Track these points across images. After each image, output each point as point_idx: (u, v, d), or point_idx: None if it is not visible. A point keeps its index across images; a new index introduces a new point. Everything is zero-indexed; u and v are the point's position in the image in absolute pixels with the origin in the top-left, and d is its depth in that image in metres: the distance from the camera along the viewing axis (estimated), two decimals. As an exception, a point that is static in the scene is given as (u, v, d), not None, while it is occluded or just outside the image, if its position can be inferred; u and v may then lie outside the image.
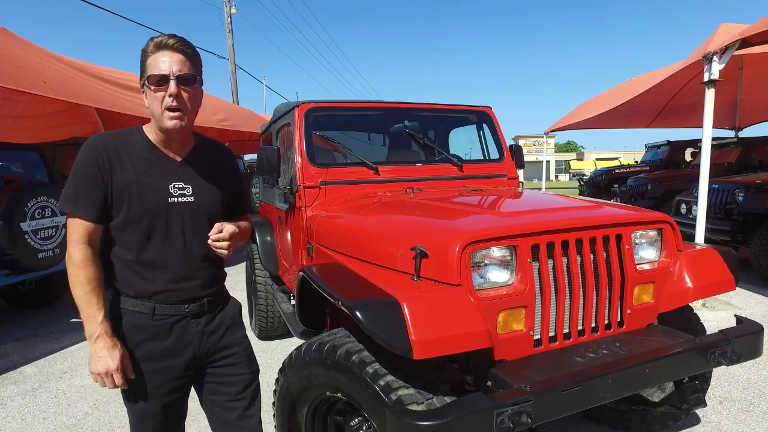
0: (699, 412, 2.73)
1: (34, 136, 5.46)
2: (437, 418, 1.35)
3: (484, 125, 3.48)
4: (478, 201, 2.48)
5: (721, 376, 3.21)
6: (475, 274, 1.67)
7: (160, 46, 1.37)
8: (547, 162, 14.60)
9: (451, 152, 3.34)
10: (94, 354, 1.38)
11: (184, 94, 1.40)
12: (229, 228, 1.49)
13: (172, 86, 1.36)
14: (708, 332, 2.14)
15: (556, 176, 55.21)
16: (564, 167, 57.55)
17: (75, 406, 3.16)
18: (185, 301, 1.51)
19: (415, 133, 3.27)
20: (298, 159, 2.83)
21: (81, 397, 3.29)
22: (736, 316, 2.07)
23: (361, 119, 3.45)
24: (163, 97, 1.37)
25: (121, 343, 1.42)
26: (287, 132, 3.21)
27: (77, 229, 1.41)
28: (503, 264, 1.72)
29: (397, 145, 3.47)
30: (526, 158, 3.72)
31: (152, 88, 1.37)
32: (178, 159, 1.51)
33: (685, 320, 2.25)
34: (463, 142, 3.61)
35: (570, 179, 46.75)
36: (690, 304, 2.15)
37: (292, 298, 3.50)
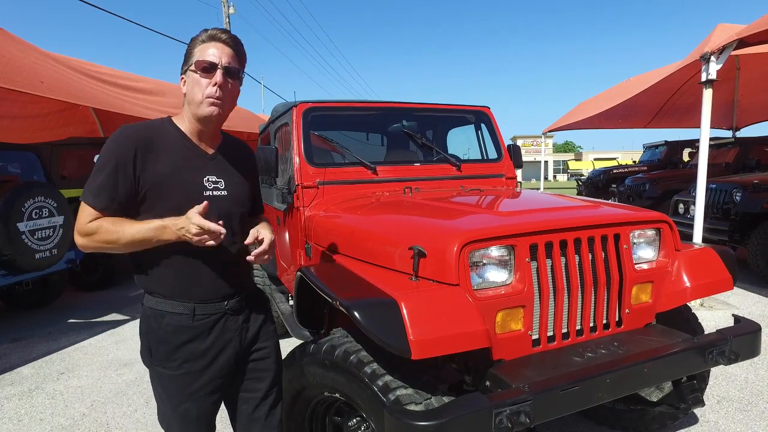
0: (697, 411, 2.73)
1: (32, 136, 5.44)
2: (435, 418, 1.35)
3: (483, 125, 3.48)
4: (477, 201, 2.48)
5: (719, 375, 3.22)
6: (474, 274, 1.66)
7: (213, 38, 1.40)
8: (545, 162, 14.63)
9: (449, 152, 3.34)
10: (177, 231, 1.31)
11: (227, 87, 1.41)
12: (267, 236, 1.48)
13: (219, 75, 1.37)
14: (706, 332, 2.14)
15: (554, 176, 55.27)
16: (562, 167, 57.63)
17: (72, 407, 3.15)
18: (224, 298, 1.49)
19: (414, 133, 3.26)
20: (296, 159, 2.83)
21: (78, 398, 3.28)
22: (733, 315, 2.07)
23: (359, 119, 3.45)
24: (207, 85, 1.38)
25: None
26: (285, 132, 3.20)
27: (90, 215, 1.35)
28: (501, 264, 1.71)
29: (395, 145, 3.47)
30: (524, 158, 3.72)
31: (198, 73, 1.37)
32: (210, 152, 1.50)
33: (683, 320, 2.26)
34: (462, 142, 3.60)
35: (568, 179, 46.80)
36: (688, 303, 2.16)
37: (290, 298, 3.50)
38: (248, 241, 1.46)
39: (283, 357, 1.95)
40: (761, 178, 5.78)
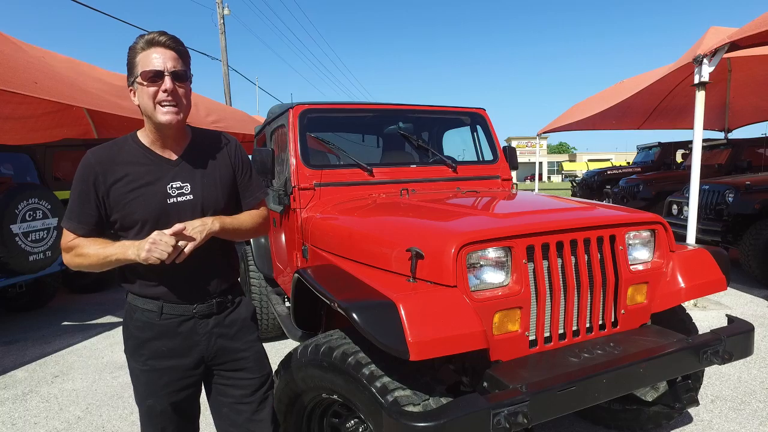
0: (691, 410, 2.75)
1: (25, 138, 5.42)
2: (434, 419, 1.36)
3: (478, 127, 3.49)
4: (473, 202, 2.49)
5: (713, 375, 3.25)
6: (471, 276, 1.67)
7: (152, 43, 1.37)
8: (540, 163, 14.71)
9: (445, 154, 3.35)
10: (140, 250, 1.33)
11: (179, 90, 1.40)
12: (177, 227, 1.37)
13: (168, 82, 1.36)
14: (700, 332, 2.16)
15: (549, 177, 55.53)
16: (556, 168, 57.90)
17: (67, 410, 3.13)
18: (192, 302, 1.50)
19: (409, 134, 3.27)
20: (293, 161, 2.83)
21: (73, 401, 3.26)
22: (727, 315, 2.09)
23: (355, 121, 3.45)
24: (157, 92, 1.36)
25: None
26: (281, 133, 3.20)
27: (69, 236, 1.46)
28: (498, 265, 1.72)
29: (391, 146, 3.47)
30: (519, 160, 3.74)
31: (145, 84, 1.36)
32: (174, 158, 1.49)
33: (677, 320, 2.28)
34: (457, 143, 3.62)
35: (562, 180, 47.02)
36: (682, 304, 2.18)
37: (286, 300, 3.49)
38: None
39: (280, 359, 1.96)
40: (753, 179, 5.83)
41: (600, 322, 1.92)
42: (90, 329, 4.84)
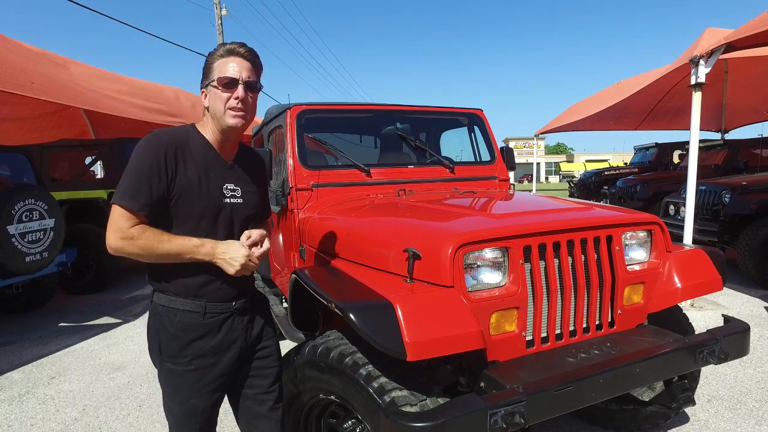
0: (688, 410, 2.76)
1: (22, 138, 5.42)
2: (431, 419, 1.36)
3: (476, 127, 3.50)
4: (470, 203, 2.49)
5: (709, 374, 3.26)
6: (468, 276, 1.67)
7: (231, 53, 1.46)
8: (537, 164, 14.72)
9: (442, 154, 3.35)
10: (224, 259, 1.44)
11: (249, 99, 1.48)
12: (264, 242, 1.54)
13: (240, 90, 1.44)
14: (696, 332, 2.16)
15: (546, 178, 55.62)
16: (554, 169, 57.97)
17: (64, 412, 3.12)
18: (232, 299, 1.55)
19: (407, 135, 3.27)
20: (290, 161, 2.83)
21: (70, 402, 3.25)
22: (723, 315, 2.10)
23: (352, 121, 3.45)
24: (229, 98, 1.44)
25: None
26: (279, 134, 3.20)
27: (128, 218, 1.37)
28: (495, 265, 1.73)
29: (388, 147, 3.47)
30: (516, 160, 3.74)
31: (220, 88, 1.44)
32: (229, 161, 1.57)
33: (674, 320, 2.28)
34: (455, 144, 3.62)
35: (560, 181, 47.11)
36: (679, 304, 2.18)
37: (284, 300, 3.49)
38: (247, 242, 1.51)
39: (278, 359, 1.96)
40: (750, 180, 5.86)
41: (597, 323, 1.92)
42: (87, 330, 4.82)
